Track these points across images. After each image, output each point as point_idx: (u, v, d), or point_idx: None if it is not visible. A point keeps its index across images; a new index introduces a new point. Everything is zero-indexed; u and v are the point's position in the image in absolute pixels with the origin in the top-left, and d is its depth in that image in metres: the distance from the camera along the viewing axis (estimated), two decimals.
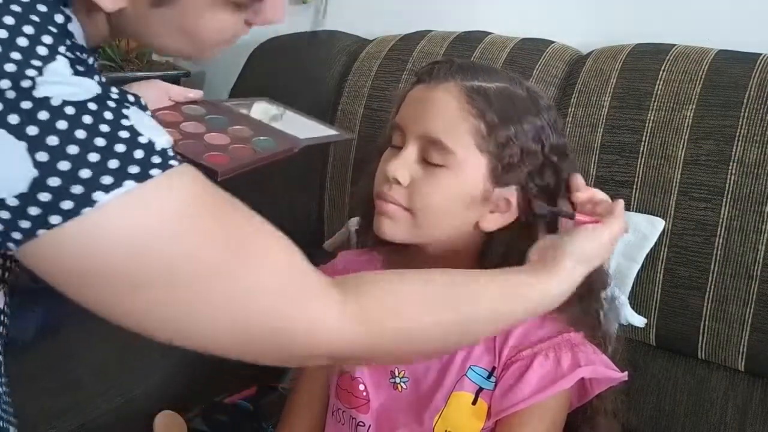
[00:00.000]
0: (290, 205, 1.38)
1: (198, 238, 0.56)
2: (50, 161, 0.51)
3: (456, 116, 0.80)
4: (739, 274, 1.00)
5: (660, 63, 1.09)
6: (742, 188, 0.99)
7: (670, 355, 1.08)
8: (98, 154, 0.53)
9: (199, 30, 0.62)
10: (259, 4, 0.64)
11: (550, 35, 1.27)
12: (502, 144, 0.80)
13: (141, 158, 0.54)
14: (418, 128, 0.82)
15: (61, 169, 0.52)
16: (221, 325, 0.57)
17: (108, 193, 0.53)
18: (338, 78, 1.34)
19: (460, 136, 0.80)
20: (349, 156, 1.30)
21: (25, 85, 0.52)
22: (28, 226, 0.52)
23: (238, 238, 0.59)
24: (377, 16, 1.51)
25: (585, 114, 1.11)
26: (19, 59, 0.52)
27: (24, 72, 0.52)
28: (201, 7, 0.60)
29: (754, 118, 1.00)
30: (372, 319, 0.62)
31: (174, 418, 1.16)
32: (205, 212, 0.57)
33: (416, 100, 0.84)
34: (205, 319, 0.57)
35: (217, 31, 0.63)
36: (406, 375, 0.87)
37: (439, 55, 1.25)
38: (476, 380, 0.84)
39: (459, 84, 0.82)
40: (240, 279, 0.57)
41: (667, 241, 1.03)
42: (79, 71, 0.55)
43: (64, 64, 0.54)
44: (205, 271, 0.56)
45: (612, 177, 1.07)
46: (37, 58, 0.53)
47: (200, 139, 0.89)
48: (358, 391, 0.89)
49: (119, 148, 0.54)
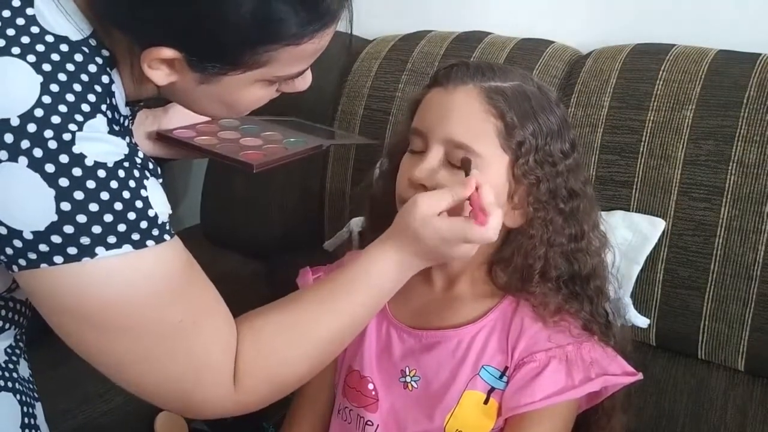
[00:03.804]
0: (290, 205, 1.38)
1: (168, 303, 0.65)
2: (71, 212, 0.59)
3: (479, 118, 0.82)
4: (739, 275, 1.00)
5: (660, 63, 1.09)
6: (742, 188, 0.99)
7: (670, 355, 1.08)
8: (112, 216, 0.61)
9: (239, 102, 0.72)
10: (291, 80, 0.72)
11: (550, 35, 1.27)
12: (522, 142, 0.82)
13: (144, 228, 0.62)
14: (441, 132, 0.82)
15: (78, 220, 0.59)
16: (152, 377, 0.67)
17: (108, 251, 0.61)
18: (338, 78, 1.34)
19: (484, 137, 0.81)
20: (349, 156, 1.30)
21: (66, 138, 0.59)
22: (34, 258, 0.60)
23: (197, 310, 0.68)
24: (377, 16, 1.51)
25: (585, 114, 1.11)
26: (65, 113, 0.59)
27: (67, 126, 0.59)
28: (241, 85, 0.69)
29: (754, 118, 1.00)
30: (252, 401, 0.72)
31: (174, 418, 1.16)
32: (180, 283, 0.66)
33: (436, 105, 0.85)
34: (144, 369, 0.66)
35: (254, 102, 0.73)
36: (417, 374, 0.88)
37: (439, 55, 1.25)
38: (488, 380, 0.84)
39: (478, 86, 0.83)
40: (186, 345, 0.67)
41: (667, 242, 1.03)
42: (115, 130, 0.62)
43: (102, 122, 0.61)
44: (164, 330, 0.65)
45: (612, 177, 1.07)
46: (81, 114, 0.60)
47: (236, 143, 0.97)
48: (367, 390, 0.89)
49: (131, 215, 0.62)
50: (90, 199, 0.60)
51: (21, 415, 0.73)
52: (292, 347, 0.73)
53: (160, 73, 0.66)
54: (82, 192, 0.59)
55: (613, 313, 0.89)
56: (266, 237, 1.42)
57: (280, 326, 0.73)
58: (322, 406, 0.96)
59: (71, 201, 0.59)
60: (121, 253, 0.61)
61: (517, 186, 0.83)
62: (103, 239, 0.60)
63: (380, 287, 0.77)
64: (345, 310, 0.76)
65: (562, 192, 0.84)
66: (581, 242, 0.86)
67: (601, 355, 0.84)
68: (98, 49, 0.64)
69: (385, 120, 1.25)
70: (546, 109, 0.84)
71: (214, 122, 1.01)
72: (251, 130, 1.02)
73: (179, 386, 0.68)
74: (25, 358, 0.78)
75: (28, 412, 0.75)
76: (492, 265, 0.88)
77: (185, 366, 0.67)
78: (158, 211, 0.64)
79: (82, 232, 0.59)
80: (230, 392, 0.69)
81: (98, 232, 0.60)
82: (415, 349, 0.89)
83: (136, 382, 0.68)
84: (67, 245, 0.59)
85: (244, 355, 0.70)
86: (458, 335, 0.87)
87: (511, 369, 0.84)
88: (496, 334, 0.86)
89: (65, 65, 0.60)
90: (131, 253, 0.62)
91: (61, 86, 0.59)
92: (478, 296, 0.88)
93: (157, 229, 0.64)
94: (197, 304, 0.68)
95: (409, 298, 0.90)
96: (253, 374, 0.70)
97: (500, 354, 0.85)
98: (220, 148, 0.94)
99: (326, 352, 0.77)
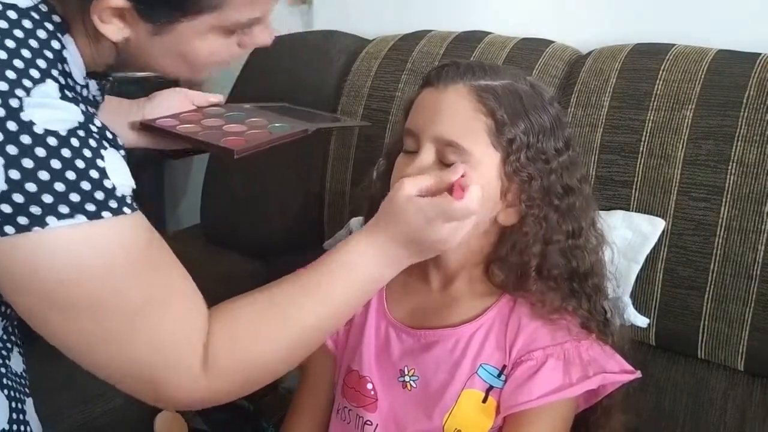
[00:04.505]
0: (290, 205, 1.38)
1: (128, 281, 0.63)
2: (20, 180, 0.58)
3: (469, 117, 0.82)
4: (738, 274, 1.00)
5: (660, 63, 1.09)
6: (742, 188, 0.99)
7: (670, 355, 1.08)
8: (64, 185, 0.59)
9: (196, 54, 0.69)
10: (248, 29, 0.71)
11: (550, 35, 1.27)
12: (512, 139, 0.82)
13: (100, 199, 0.61)
14: (432, 132, 0.82)
15: (27, 189, 0.58)
16: (118, 360, 0.65)
17: (59, 221, 0.59)
18: (338, 78, 1.34)
19: (474, 135, 0.81)
20: (349, 156, 1.30)
21: (14, 105, 0.58)
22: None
23: (161, 293, 0.66)
24: (377, 16, 1.51)
25: (585, 114, 1.11)
26: (13, 79, 0.58)
27: (14, 92, 0.58)
28: (196, 34, 0.67)
29: (754, 117, 1.00)
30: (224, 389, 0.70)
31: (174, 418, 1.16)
32: (140, 260, 0.64)
33: (427, 105, 0.85)
34: (110, 351, 0.65)
35: (210, 54, 0.70)
36: (416, 373, 0.88)
37: (439, 55, 1.25)
38: (487, 378, 0.84)
39: (468, 85, 0.83)
40: (150, 326, 0.65)
41: (667, 241, 1.03)
42: (68, 96, 0.61)
43: (53, 88, 0.60)
44: (125, 309, 0.63)
45: (612, 177, 1.07)
46: (29, 80, 0.59)
47: (219, 130, 0.95)
48: (366, 389, 0.89)
49: (85, 185, 0.60)
50: (40, 167, 0.58)
51: (9, 410, 0.72)
52: (267, 334, 0.71)
53: (112, 28, 0.65)
54: (31, 160, 0.58)
55: (612, 311, 0.89)
56: (266, 237, 1.42)
57: (255, 314, 0.72)
58: (322, 407, 0.96)
59: (20, 169, 0.58)
60: (74, 224, 0.59)
61: (509, 183, 0.83)
62: (55, 209, 0.59)
63: (362, 276, 0.75)
64: (323, 300, 0.74)
65: (557, 189, 0.84)
66: (579, 239, 0.86)
67: (599, 353, 0.84)
68: (48, 15, 0.63)
69: (385, 120, 1.25)
70: (538, 108, 0.84)
71: (198, 110, 1.00)
72: (237, 117, 1.00)
73: (147, 371, 0.66)
74: (20, 352, 0.77)
75: (16, 408, 0.74)
76: (489, 264, 0.88)
77: (151, 348, 0.65)
78: (116, 183, 0.62)
79: (33, 201, 0.58)
80: (200, 377, 0.67)
81: (49, 201, 0.58)
82: (413, 348, 0.89)
83: (104, 365, 0.66)
84: (18, 215, 0.58)
85: (216, 340, 0.68)
86: (456, 334, 0.87)
87: (509, 367, 0.84)
88: (494, 333, 0.86)
89: (13, 32, 0.60)
90: (85, 223, 0.60)
91: (9, 53, 0.59)
92: (476, 295, 0.89)
93: (115, 201, 0.62)
94: (162, 285, 0.66)
95: (407, 297, 0.91)
96: (224, 358, 0.68)
97: (498, 352, 0.85)
98: (203, 135, 0.93)
99: (303, 340, 0.74)
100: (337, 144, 1.32)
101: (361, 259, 0.75)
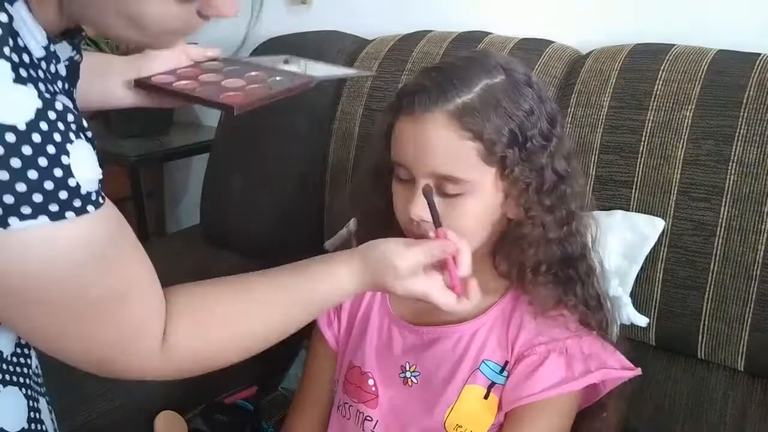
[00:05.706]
0: (290, 205, 1.38)
1: (91, 278, 0.62)
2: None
3: (457, 146, 0.79)
4: (738, 274, 1.00)
5: (659, 63, 1.09)
6: (742, 188, 0.99)
7: (670, 354, 1.08)
8: (26, 185, 0.55)
9: (145, 16, 0.62)
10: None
11: (549, 35, 1.27)
12: (504, 157, 0.80)
13: (63, 199, 0.57)
14: (424, 168, 0.81)
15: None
16: (79, 350, 0.66)
17: (21, 221, 0.56)
18: (338, 78, 1.34)
19: (467, 162, 0.80)
20: (348, 156, 1.30)
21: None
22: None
23: (123, 285, 0.65)
24: (377, 16, 1.51)
25: (585, 114, 1.11)
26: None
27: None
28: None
29: (754, 118, 1.00)
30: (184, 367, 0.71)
31: (174, 418, 1.16)
32: (103, 257, 0.62)
33: (411, 138, 0.82)
34: (72, 343, 0.65)
35: (159, 18, 0.62)
36: (417, 369, 0.88)
37: (439, 55, 1.25)
38: (489, 374, 0.85)
39: (445, 111, 0.79)
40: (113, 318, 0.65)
41: (667, 241, 1.03)
42: (23, 77, 0.56)
43: (5, 69, 0.54)
44: (88, 304, 0.63)
45: (612, 177, 1.07)
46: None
47: (218, 85, 0.91)
48: (367, 385, 0.90)
49: (48, 185, 0.56)
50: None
51: (27, 410, 0.72)
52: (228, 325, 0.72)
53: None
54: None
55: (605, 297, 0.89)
56: (266, 237, 1.42)
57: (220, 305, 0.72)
58: (322, 403, 0.96)
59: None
60: (37, 225, 0.56)
61: (509, 188, 0.82)
62: (17, 209, 0.55)
63: (335, 300, 0.77)
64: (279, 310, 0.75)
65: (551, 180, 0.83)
66: (572, 225, 0.85)
67: (600, 349, 0.85)
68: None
69: None
70: (518, 97, 0.81)
71: (196, 66, 0.96)
72: (235, 71, 0.96)
73: (108, 356, 0.67)
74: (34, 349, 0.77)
75: (33, 407, 0.74)
76: (494, 254, 0.88)
77: (113, 338, 0.65)
78: (81, 179, 0.59)
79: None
80: (157, 359, 0.68)
81: (10, 202, 0.55)
82: (416, 345, 0.89)
83: (65, 355, 0.66)
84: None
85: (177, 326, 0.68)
86: (459, 331, 0.87)
87: (511, 363, 0.84)
88: (496, 330, 0.86)
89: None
90: (48, 225, 0.57)
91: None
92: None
93: (80, 200, 0.59)
94: (125, 277, 0.65)
95: None
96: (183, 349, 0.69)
97: (500, 349, 0.85)
98: (201, 91, 0.89)
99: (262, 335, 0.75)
100: (338, 145, 1.32)
101: (338, 291, 0.76)
